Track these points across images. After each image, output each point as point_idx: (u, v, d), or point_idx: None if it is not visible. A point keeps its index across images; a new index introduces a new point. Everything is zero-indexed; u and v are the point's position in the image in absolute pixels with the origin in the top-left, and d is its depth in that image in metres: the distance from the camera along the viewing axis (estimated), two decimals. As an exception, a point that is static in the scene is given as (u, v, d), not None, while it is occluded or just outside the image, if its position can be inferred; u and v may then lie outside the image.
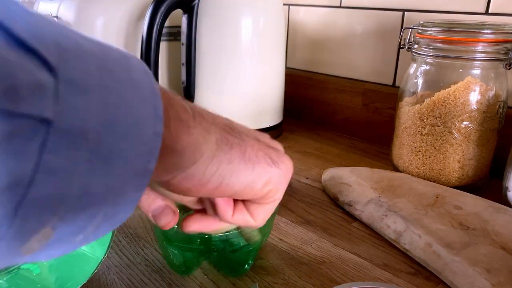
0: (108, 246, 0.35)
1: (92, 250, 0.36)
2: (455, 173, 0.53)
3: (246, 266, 0.38)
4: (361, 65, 0.75)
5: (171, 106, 0.20)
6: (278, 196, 0.27)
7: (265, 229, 0.37)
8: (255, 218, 0.27)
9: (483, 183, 0.56)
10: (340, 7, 0.76)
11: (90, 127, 0.15)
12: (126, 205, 0.18)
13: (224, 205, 0.26)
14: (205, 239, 0.35)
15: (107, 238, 0.35)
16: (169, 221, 0.27)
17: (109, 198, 0.16)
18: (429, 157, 0.54)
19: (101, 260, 0.35)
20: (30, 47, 0.14)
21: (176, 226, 0.37)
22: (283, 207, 0.50)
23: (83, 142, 0.15)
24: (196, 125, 0.21)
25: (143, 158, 0.17)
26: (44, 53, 0.14)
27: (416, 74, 0.55)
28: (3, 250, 0.14)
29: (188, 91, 0.71)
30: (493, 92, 0.51)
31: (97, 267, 0.35)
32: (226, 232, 0.33)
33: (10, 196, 0.13)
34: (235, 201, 0.27)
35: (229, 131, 0.23)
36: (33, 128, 0.13)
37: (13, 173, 0.13)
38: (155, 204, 0.27)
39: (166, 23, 0.68)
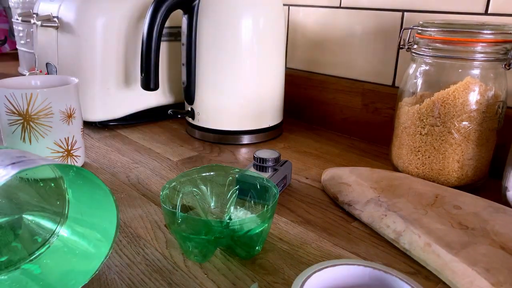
0: (111, 246, 0.35)
1: (94, 250, 0.36)
2: (454, 173, 0.53)
3: (257, 248, 0.40)
4: (361, 65, 0.75)
5: None
6: None
7: (267, 214, 0.38)
8: None
9: (483, 183, 0.56)
10: (339, 7, 0.76)
11: None
12: None
13: None
14: (209, 229, 0.37)
15: (109, 237, 0.36)
16: None
17: None
18: (429, 157, 0.54)
19: (103, 260, 0.35)
20: None
21: (179, 220, 0.37)
22: (283, 207, 0.50)
23: None
24: None
25: None
26: None
27: (416, 74, 0.55)
28: None
29: (188, 91, 0.71)
30: (492, 92, 0.51)
31: (98, 267, 0.35)
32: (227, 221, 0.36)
33: None
34: None
35: None
36: None
37: None
38: None
39: (167, 24, 0.68)
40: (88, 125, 0.77)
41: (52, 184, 0.39)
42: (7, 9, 1.53)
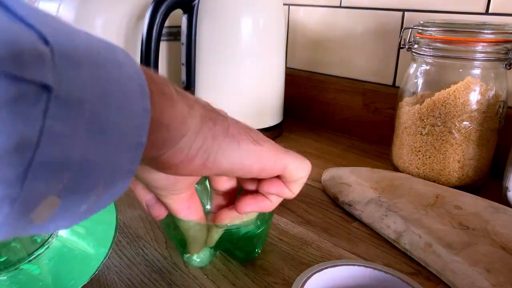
0: (110, 247, 0.35)
1: (94, 250, 0.36)
2: (455, 173, 0.53)
3: (257, 250, 0.40)
4: (361, 65, 0.75)
5: (153, 82, 0.21)
6: (300, 174, 0.31)
7: (265, 216, 0.38)
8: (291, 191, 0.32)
9: (483, 183, 0.56)
10: (340, 7, 0.76)
11: (85, 98, 0.16)
12: (122, 176, 0.19)
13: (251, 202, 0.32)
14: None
15: (108, 238, 0.35)
16: (160, 212, 0.32)
17: (107, 167, 0.18)
18: (429, 157, 0.54)
19: (103, 261, 0.35)
20: (28, 22, 0.15)
21: (175, 224, 0.37)
22: (283, 207, 0.50)
23: (80, 111, 0.16)
24: (178, 99, 0.23)
25: (135, 132, 0.19)
26: (40, 29, 0.15)
27: (416, 74, 0.55)
28: (16, 214, 0.15)
29: (188, 91, 0.71)
30: (493, 92, 0.51)
31: (98, 268, 0.35)
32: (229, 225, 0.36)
33: (19, 157, 0.14)
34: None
35: (210, 109, 0.26)
36: (36, 93, 0.14)
37: (20, 134, 0.14)
38: (149, 195, 0.31)
39: (166, 23, 0.68)
40: (88, 125, 0.76)
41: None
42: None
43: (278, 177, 0.31)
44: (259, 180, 0.31)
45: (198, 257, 0.39)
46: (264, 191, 0.31)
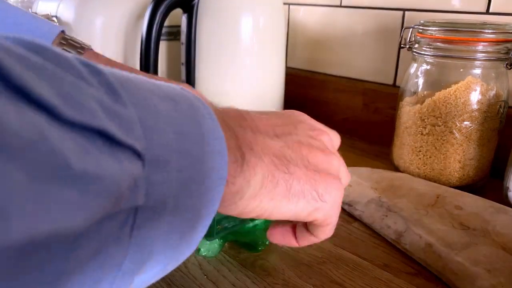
0: None
1: None
2: (455, 173, 0.53)
3: (266, 242, 0.41)
4: (362, 64, 0.75)
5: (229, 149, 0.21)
6: (330, 221, 0.27)
7: None
8: (317, 237, 0.29)
9: (484, 183, 0.56)
10: (340, 6, 0.75)
11: (169, 195, 0.16)
12: (192, 243, 0.20)
13: (281, 236, 0.30)
14: (218, 222, 0.38)
15: None
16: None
17: (183, 245, 0.19)
18: (430, 157, 0.53)
19: None
20: (126, 143, 0.15)
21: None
22: (283, 207, 0.50)
23: (164, 211, 0.16)
24: (244, 170, 0.22)
25: (209, 204, 0.19)
26: (133, 144, 0.15)
27: (417, 73, 0.55)
28: None
29: (188, 91, 0.71)
30: (493, 92, 0.51)
31: None
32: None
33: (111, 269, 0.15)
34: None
35: (277, 164, 0.23)
36: (127, 216, 0.15)
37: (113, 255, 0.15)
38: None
39: (166, 23, 0.68)
40: (88, 124, 0.76)
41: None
42: (6, 9, 1.52)
43: None
44: None
45: (207, 250, 0.39)
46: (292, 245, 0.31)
